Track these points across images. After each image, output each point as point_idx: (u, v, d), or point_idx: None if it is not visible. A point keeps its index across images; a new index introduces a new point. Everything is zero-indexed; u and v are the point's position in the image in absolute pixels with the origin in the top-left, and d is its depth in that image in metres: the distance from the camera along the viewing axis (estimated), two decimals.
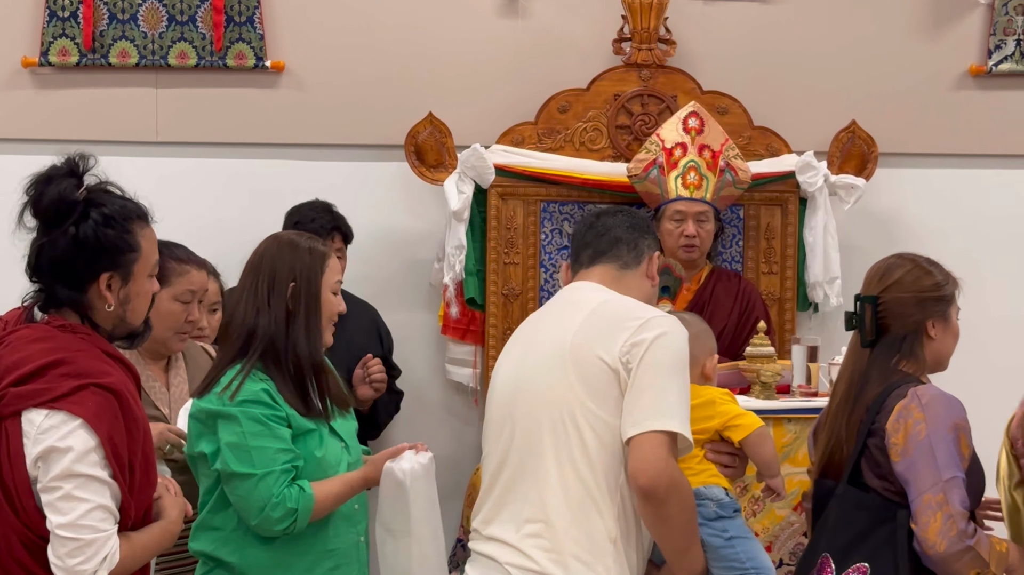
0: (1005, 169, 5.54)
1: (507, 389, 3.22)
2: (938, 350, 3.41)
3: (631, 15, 5.27)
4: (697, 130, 4.92)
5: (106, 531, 2.87)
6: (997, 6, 5.44)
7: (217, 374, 3.27)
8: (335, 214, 4.98)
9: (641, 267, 3.28)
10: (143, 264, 2.98)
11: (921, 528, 3.21)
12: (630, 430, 2.97)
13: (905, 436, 3.23)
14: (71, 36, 5.29)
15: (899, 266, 3.43)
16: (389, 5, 5.41)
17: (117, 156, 5.12)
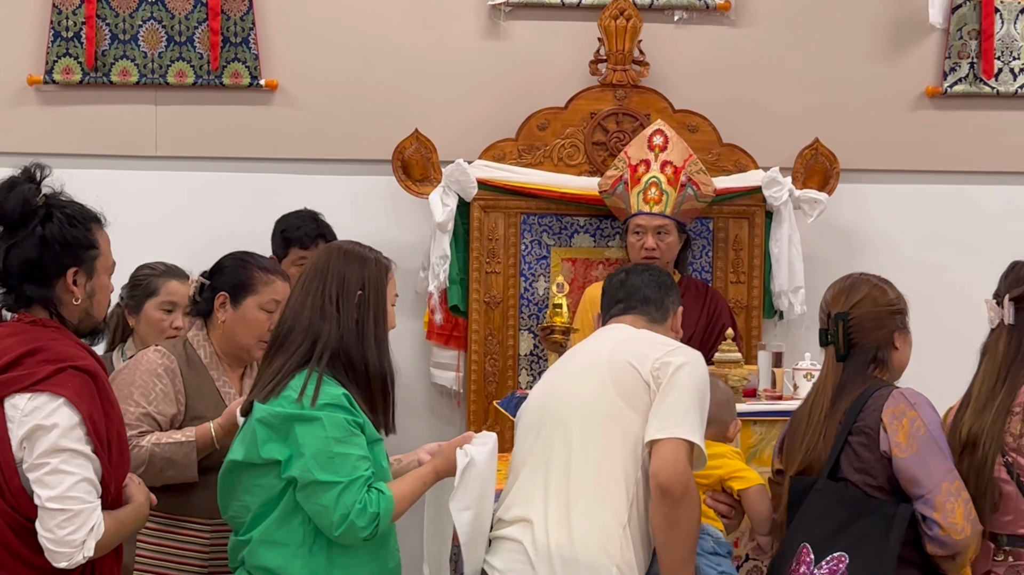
0: (960, 184, 5.58)
1: (541, 399, 3.41)
2: (900, 359, 3.52)
3: (607, 38, 5.32)
4: (661, 147, 4.93)
5: (92, 503, 2.90)
6: (952, 31, 5.46)
7: (282, 378, 3.14)
8: (320, 222, 5.00)
9: (667, 322, 3.55)
10: (103, 261, 3.04)
11: (947, 515, 3.25)
12: (655, 434, 3.16)
13: (906, 434, 3.29)
14: (74, 55, 5.34)
15: (861, 287, 3.52)
16: (378, 28, 5.43)
17: (118, 169, 5.44)
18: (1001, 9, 5.49)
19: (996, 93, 5.53)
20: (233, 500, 3.22)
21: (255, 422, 3.12)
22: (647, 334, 3.41)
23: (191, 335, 3.69)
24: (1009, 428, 3.45)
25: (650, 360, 3.25)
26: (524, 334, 5.32)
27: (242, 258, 3.78)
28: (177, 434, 3.50)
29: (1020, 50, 5.52)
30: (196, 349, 3.66)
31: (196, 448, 3.47)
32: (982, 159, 5.60)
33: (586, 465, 3.20)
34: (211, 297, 3.67)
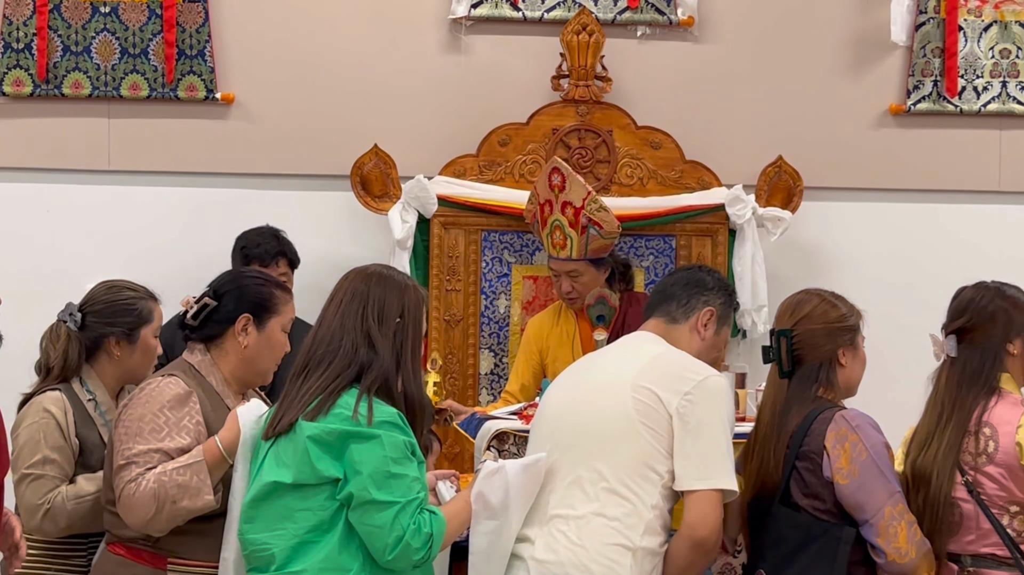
0: (923, 203, 5.54)
1: (556, 411, 3.29)
2: (848, 376, 3.46)
3: (569, 53, 5.23)
4: (559, 187, 4.75)
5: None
6: (916, 49, 5.44)
7: (327, 397, 3.03)
8: (281, 239, 4.94)
9: (689, 322, 3.35)
10: None
11: (890, 539, 3.24)
12: (694, 483, 3.10)
13: (848, 459, 3.26)
14: (25, 67, 5.24)
15: (807, 301, 3.48)
16: (336, 41, 5.37)
17: (70, 183, 5.47)
18: (964, 27, 5.48)
19: (959, 111, 5.51)
20: (265, 529, 3.07)
21: (307, 440, 2.99)
22: (675, 357, 3.26)
23: (195, 361, 3.39)
24: (966, 448, 3.44)
25: (678, 396, 3.13)
26: (484, 353, 5.26)
27: (259, 276, 3.56)
28: (183, 458, 3.22)
29: (983, 68, 5.51)
30: (205, 376, 3.37)
31: (207, 467, 3.21)
32: (945, 177, 5.58)
33: (599, 487, 3.12)
34: (225, 319, 3.37)
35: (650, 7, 5.38)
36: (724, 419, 3.17)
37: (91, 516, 3.47)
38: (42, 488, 3.45)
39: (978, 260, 5.32)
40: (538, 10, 5.36)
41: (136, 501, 3.13)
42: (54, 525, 3.46)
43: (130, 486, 3.14)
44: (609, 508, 3.09)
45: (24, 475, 3.47)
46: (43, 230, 5.22)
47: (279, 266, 4.88)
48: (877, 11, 5.40)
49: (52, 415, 3.52)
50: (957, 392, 3.48)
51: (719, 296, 3.40)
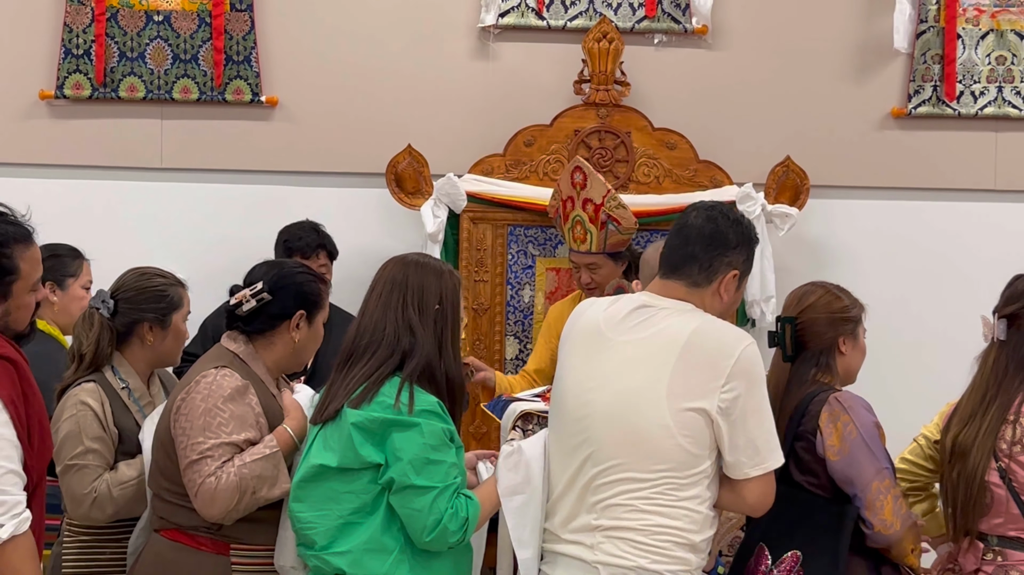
0: (923, 201, 5.56)
1: (582, 409, 3.06)
2: (848, 364, 3.50)
3: (590, 59, 5.29)
4: (581, 185, 4.77)
5: (16, 496, 2.82)
6: (916, 55, 5.45)
7: (372, 386, 3.04)
8: (321, 233, 4.96)
9: (712, 286, 3.09)
10: (22, 284, 2.94)
11: (876, 512, 3.27)
12: (750, 471, 2.99)
13: (839, 437, 3.30)
14: (84, 71, 5.30)
15: (813, 292, 3.52)
16: (373, 48, 5.41)
17: (125, 181, 5.44)
18: (963, 35, 5.48)
19: (958, 115, 5.51)
20: (312, 509, 3.09)
21: (351, 426, 3.02)
22: (704, 338, 2.98)
23: (238, 350, 3.34)
24: (1003, 435, 3.43)
25: (716, 394, 2.93)
26: (510, 339, 5.27)
27: (309, 272, 3.50)
28: (259, 448, 3.20)
29: (980, 74, 5.50)
30: (250, 365, 3.34)
31: (282, 456, 3.22)
32: (944, 177, 5.58)
33: (651, 495, 2.99)
34: (280, 315, 3.35)
35: (666, 16, 5.42)
36: (762, 394, 3.00)
37: (135, 501, 3.45)
38: (87, 477, 3.42)
39: (974, 256, 5.49)
40: (561, 19, 5.40)
41: (219, 494, 3.10)
42: (101, 512, 3.43)
43: (210, 480, 3.11)
44: (665, 518, 2.96)
45: (68, 466, 3.43)
46: (99, 225, 5.23)
47: (319, 258, 4.90)
48: (880, 20, 5.42)
49: (89, 406, 3.48)
50: (1004, 375, 3.47)
51: (741, 253, 3.13)
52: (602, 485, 2.99)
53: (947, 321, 5.27)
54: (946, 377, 3.87)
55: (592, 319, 3.15)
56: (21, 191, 4.98)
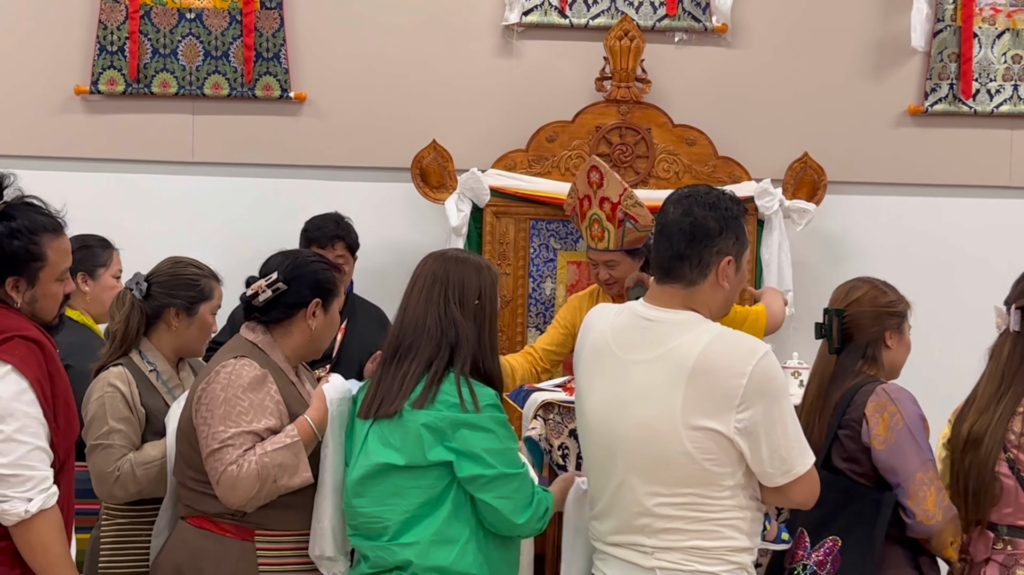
0: (938, 197, 5.55)
1: (607, 434, 2.98)
2: (893, 358, 3.49)
3: (612, 57, 5.29)
4: (598, 184, 4.65)
5: (42, 471, 2.87)
6: (933, 54, 5.46)
7: (430, 384, 3.03)
8: (341, 224, 4.93)
9: (708, 279, 2.92)
10: (49, 271, 2.96)
11: (919, 503, 3.26)
12: (781, 480, 2.89)
13: (886, 427, 3.28)
14: (118, 68, 5.31)
15: (860, 286, 3.52)
16: (399, 44, 5.41)
17: (157, 174, 5.46)
18: (979, 34, 5.47)
19: (974, 112, 5.51)
20: (377, 504, 3.08)
21: (421, 427, 3.00)
22: (714, 358, 2.85)
23: (256, 340, 3.31)
24: (1012, 427, 3.40)
25: (732, 414, 2.82)
26: (532, 330, 5.27)
27: (322, 261, 3.47)
28: (280, 438, 3.18)
29: (996, 72, 5.49)
30: (268, 354, 3.31)
31: (303, 446, 3.19)
32: (960, 174, 5.58)
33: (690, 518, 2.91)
34: (296, 303, 3.31)
35: (687, 15, 5.42)
36: (781, 405, 2.86)
37: (158, 481, 3.45)
38: (111, 456, 3.43)
39: (989, 252, 5.46)
40: (584, 17, 5.40)
41: (240, 482, 3.09)
42: (124, 490, 3.44)
43: (231, 468, 3.09)
44: (710, 535, 2.90)
45: (94, 445, 3.44)
46: (132, 215, 5.23)
47: (336, 248, 4.86)
48: (897, 19, 5.44)
49: (117, 388, 3.48)
50: (1019, 366, 3.43)
51: (729, 237, 2.91)
52: (643, 510, 2.92)
53: (961, 316, 5.23)
54: (959, 372, 3.85)
55: (601, 334, 3.06)
56: (56, 183, 4.96)
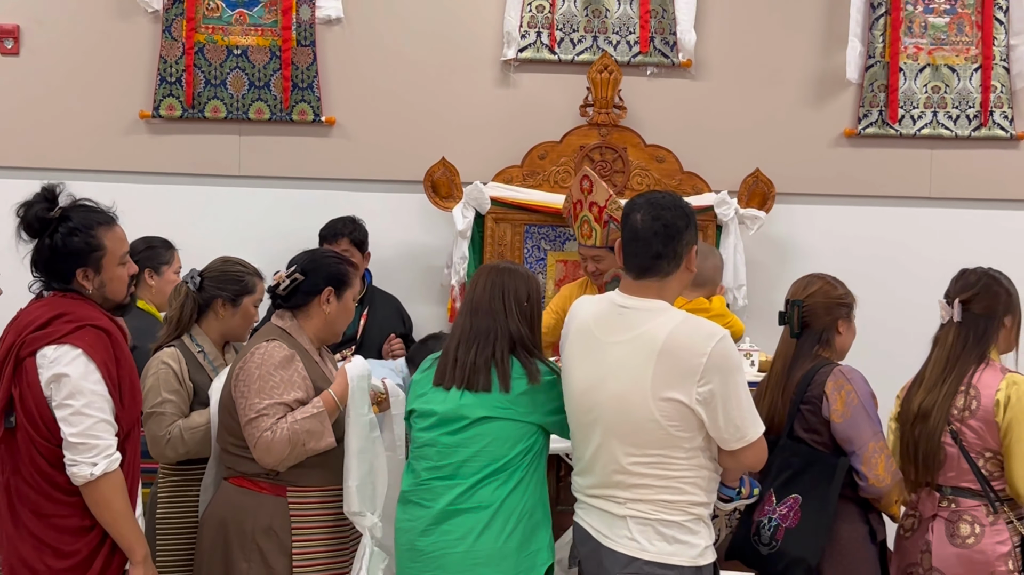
0: (869, 207, 5.51)
1: (587, 403, 3.03)
2: (843, 343, 3.55)
3: (594, 87, 5.29)
4: (588, 190, 4.70)
5: (107, 440, 2.90)
6: (865, 85, 5.42)
7: (502, 364, 3.14)
8: (348, 223, 4.92)
9: (680, 267, 2.99)
10: (110, 258, 3.00)
11: (872, 468, 3.30)
12: (735, 445, 2.93)
13: (843, 403, 3.34)
14: (176, 96, 5.30)
15: (815, 281, 3.57)
16: (414, 77, 5.40)
17: (209, 186, 5.44)
18: (904, 69, 5.44)
19: (899, 135, 5.48)
20: (462, 448, 3.15)
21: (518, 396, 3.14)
22: (678, 338, 2.89)
23: (285, 326, 3.37)
24: (955, 403, 3.47)
25: (694, 386, 2.88)
26: None
27: (335, 255, 3.54)
28: (307, 408, 3.23)
29: (919, 101, 5.46)
30: (295, 338, 3.35)
31: (327, 414, 3.23)
32: (887, 187, 5.54)
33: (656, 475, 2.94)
34: (311, 291, 3.37)
35: (657, 52, 5.37)
36: (736, 380, 2.90)
37: (202, 443, 3.52)
38: (163, 422, 3.50)
39: (912, 254, 5.48)
40: (570, 54, 5.37)
41: (274, 445, 3.16)
42: (174, 451, 3.52)
43: (267, 434, 3.16)
44: (675, 490, 2.93)
45: (149, 413, 3.52)
46: (188, 220, 5.22)
47: (340, 243, 4.83)
48: (835, 55, 5.40)
49: (169, 366, 3.56)
50: (962, 350, 3.49)
51: (692, 229, 3.02)
52: (618, 468, 2.98)
53: (888, 309, 5.23)
54: (888, 357, 3.90)
55: (584, 320, 3.12)
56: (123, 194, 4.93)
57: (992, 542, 3.42)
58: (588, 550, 3.04)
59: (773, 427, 3.46)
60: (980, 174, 5.50)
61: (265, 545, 3.24)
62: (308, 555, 3.29)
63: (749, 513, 3.50)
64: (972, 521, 3.45)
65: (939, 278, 5.42)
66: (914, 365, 3.81)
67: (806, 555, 3.30)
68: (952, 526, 3.46)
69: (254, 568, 3.23)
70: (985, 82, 5.37)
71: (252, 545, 3.24)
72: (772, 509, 3.41)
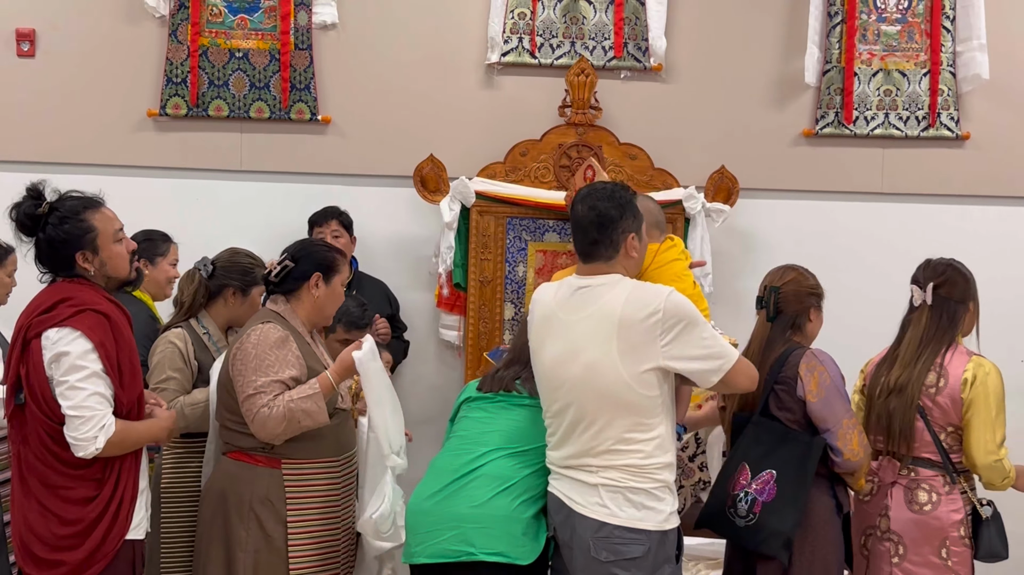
0: (826, 201, 5.52)
1: (558, 380, 3.07)
2: (813, 329, 3.61)
3: (571, 89, 5.29)
4: (590, 179, 4.85)
5: (101, 411, 2.92)
6: (822, 88, 5.42)
7: None
8: (335, 207, 4.98)
9: (620, 252, 3.05)
10: (104, 237, 3.01)
11: (847, 443, 3.34)
12: (715, 377, 2.98)
13: (817, 383, 3.38)
14: (182, 95, 5.29)
15: (790, 271, 3.62)
16: (405, 79, 5.40)
17: (212, 180, 5.43)
18: (859, 73, 5.45)
19: (854, 135, 5.49)
20: (492, 421, 3.29)
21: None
22: (632, 306, 2.94)
23: (281, 310, 3.41)
24: (926, 380, 3.54)
25: (657, 348, 2.91)
26: (507, 305, 5.25)
27: (322, 243, 3.59)
28: (304, 388, 3.27)
29: (872, 103, 5.47)
30: (289, 321, 3.39)
31: (323, 395, 3.28)
32: (843, 183, 5.55)
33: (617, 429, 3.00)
34: (301, 276, 3.41)
35: (630, 56, 5.38)
36: (692, 320, 2.93)
37: (203, 418, 3.57)
38: (166, 398, 3.52)
39: (865, 244, 5.52)
40: (550, 58, 5.38)
41: (271, 421, 3.19)
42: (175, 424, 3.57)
43: (264, 410, 3.20)
44: (643, 453, 2.98)
45: (153, 389, 3.56)
46: (193, 213, 5.26)
47: (331, 225, 4.89)
48: (795, 60, 5.42)
49: (175, 345, 3.61)
50: (935, 331, 3.56)
51: (628, 218, 3.04)
52: (591, 435, 3.03)
53: (842, 298, 5.23)
54: (841, 342, 3.93)
55: (547, 304, 3.18)
56: (132, 188, 5.14)
57: (947, 510, 3.50)
58: (562, 517, 3.09)
59: (747, 405, 3.53)
60: (928, 172, 5.54)
61: (262, 514, 3.29)
62: (302, 523, 3.34)
63: (721, 485, 3.54)
64: (930, 490, 3.53)
65: (890, 268, 5.61)
66: (864, 348, 3.88)
67: (784, 528, 3.32)
68: (911, 493, 3.54)
69: (252, 535, 3.28)
70: (933, 86, 5.41)
71: (250, 514, 3.29)
72: (747, 483, 3.42)
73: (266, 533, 3.27)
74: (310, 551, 3.33)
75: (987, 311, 3.79)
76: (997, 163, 5.54)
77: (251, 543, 3.27)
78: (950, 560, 3.47)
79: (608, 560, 2.96)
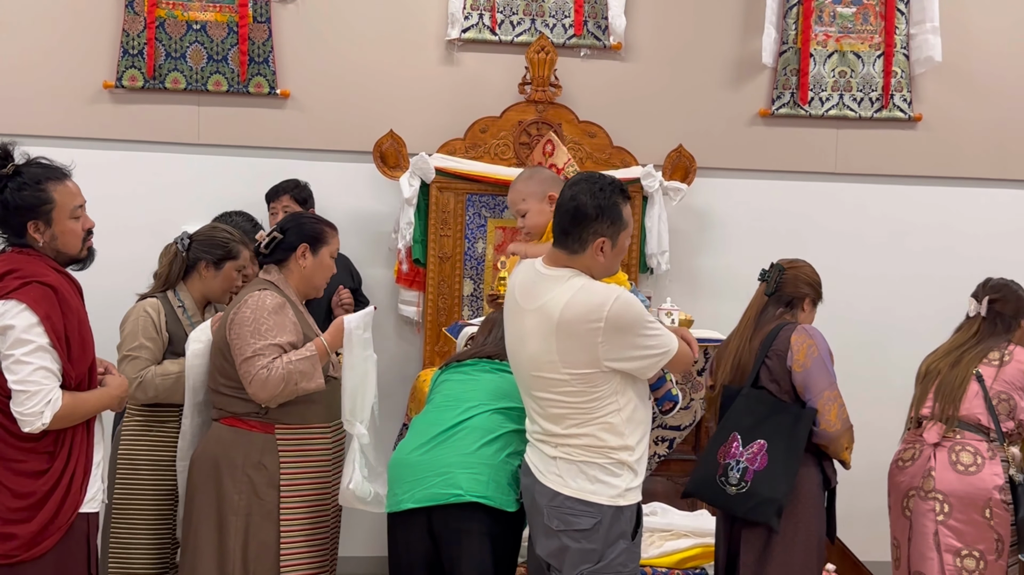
0: (781, 180, 5.56)
1: (515, 363, 3.08)
2: (804, 319, 3.65)
3: (531, 66, 5.27)
4: (550, 153, 4.85)
5: (48, 385, 2.85)
6: (779, 69, 5.45)
7: None
8: (289, 182, 4.94)
9: (587, 251, 2.95)
10: (60, 211, 2.93)
11: (825, 414, 3.37)
12: (659, 365, 2.95)
13: (804, 354, 3.42)
14: (138, 67, 5.19)
15: (803, 262, 3.70)
16: (365, 54, 5.34)
17: (170, 153, 5.33)
18: (815, 55, 5.48)
19: (809, 115, 5.52)
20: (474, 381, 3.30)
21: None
22: (576, 308, 2.88)
23: (275, 279, 3.42)
24: (990, 356, 3.79)
25: (599, 357, 2.87)
26: (467, 281, 5.25)
27: (312, 216, 3.59)
28: (301, 351, 3.29)
29: (827, 84, 5.50)
30: (282, 290, 3.41)
31: (318, 359, 3.31)
32: (797, 162, 5.59)
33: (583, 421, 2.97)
34: (289, 248, 3.43)
35: (590, 35, 5.37)
36: (634, 321, 2.87)
37: (173, 390, 3.54)
38: (137, 366, 3.53)
39: (818, 223, 5.55)
40: (510, 35, 5.35)
41: (269, 382, 3.20)
42: (144, 394, 3.55)
43: (262, 372, 3.20)
44: (595, 435, 2.94)
45: (124, 356, 3.55)
46: (149, 185, 5.21)
47: (282, 200, 4.86)
48: (752, 41, 5.45)
49: (149, 315, 3.59)
50: (991, 334, 3.85)
51: (604, 222, 2.92)
52: (547, 417, 3.01)
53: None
54: None
55: (513, 284, 3.13)
56: (88, 160, 4.94)
57: (990, 473, 3.67)
58: (528, 482, 3.09)
59: (737, 376, 3.55)
60: (881, 152, 5.56)
61: (256, 477, 3.30)
62: (294, 487, 3.35)
63: (710, 455, 3.53)
64: (975, 452, 3.70)
65: (842, 245, 5.59)
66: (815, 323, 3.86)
67: (776, 495, 3.34)
68: (955, 455, 3.70)
69: (244, 499, 3.29)
70: (887, 68, 5.42)
71: (244, 478, 3.29)
72: (739, 452, 3.43)
73: (259, 496, 3.28)
74: (301, 514, 3.35)
75: (935, 285, 3.85)
76: (948, 144, 5.59)
77: (243, 506, 3.28)
78: (992, 520, 3.64)
79: (559, 529, 2.94)
